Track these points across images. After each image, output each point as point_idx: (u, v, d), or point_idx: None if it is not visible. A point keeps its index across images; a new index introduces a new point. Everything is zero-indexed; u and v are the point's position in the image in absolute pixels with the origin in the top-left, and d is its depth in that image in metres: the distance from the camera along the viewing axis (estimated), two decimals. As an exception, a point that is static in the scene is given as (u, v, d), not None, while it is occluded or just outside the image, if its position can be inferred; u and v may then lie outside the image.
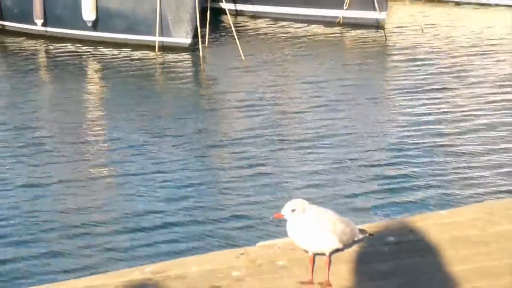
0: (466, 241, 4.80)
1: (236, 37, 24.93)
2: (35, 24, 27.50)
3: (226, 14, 26.00)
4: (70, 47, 27.07)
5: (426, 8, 30.22)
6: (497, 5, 30.05)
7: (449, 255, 4.57)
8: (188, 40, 25.66)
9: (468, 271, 4.37)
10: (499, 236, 4.84)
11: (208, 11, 25.78)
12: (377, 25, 27.62)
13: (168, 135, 19.36)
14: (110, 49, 26.49)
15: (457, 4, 30.55)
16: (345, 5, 27.42)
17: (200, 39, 25.37)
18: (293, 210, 4.03)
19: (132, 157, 17.98)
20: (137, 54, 26.04)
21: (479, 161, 16.69)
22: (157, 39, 25.71)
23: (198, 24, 25.36)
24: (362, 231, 4.42)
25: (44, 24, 27.40)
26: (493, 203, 5.99)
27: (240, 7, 27.05)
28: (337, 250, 4.20)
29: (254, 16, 28.18)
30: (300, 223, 4.06)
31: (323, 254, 4.15)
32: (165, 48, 25.70)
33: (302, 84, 22.79)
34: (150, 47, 25.85)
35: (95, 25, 26.53)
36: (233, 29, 25.33)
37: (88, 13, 26.28)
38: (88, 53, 26.53)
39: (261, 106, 21.07)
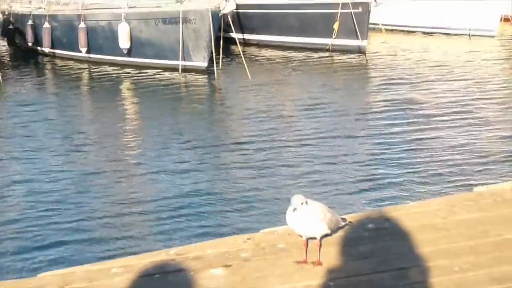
0: (431, 227, 4.79)
1: (244, 61, 24.90)
2: (80, 51, 27.52)
3: (235, 42, 25.95)
4: (109, 70, 27.08)
5: (399, 37, 30.11)
6: (455, 34, 29.97)
7: (417, 239, 4.57)
8: (205, 64, 25.66)
9: (433, 251, 4.35)
10: (458, 224, 4.83)
11: (221, 40, 25.78)
12: (360, 51, 27.58)
13: (189, 139, 19.37)
14: (142, 71, 26.51)
15: (424, 33, 30.41)
16: (334, 35, 27.36)
17: (215, 63, 25.39)
18: (301, 203, 4.06)
19: (159, 158, 17.97)
20: (164, 75, 26.08)
21: (443, 162, 16.62)
22: (180, 63, 25.69)
23: (213, 50, 25.37)
24: (343, 219, 4.53)
25: (87, 51, 27.43)
26: (453, 196, 5.95)
27: (247, 36, 26.95)
28: (326, 235, 4.22)
29: (258, 44, 28.12)
30: (298, 214, 4.06)
31: (315, 238, 4.16)
32: (187, 70, 25.73)
33: (298, 98, 22.75)
34: (174, 69, 25.86)
35: (129, 52, 26.54)
36: (241, 54, 25.31)
37: (124, 42, 26.30)
38: (123, 75, 26.57)
39: (264, 116, 21.06)
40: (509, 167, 15.88)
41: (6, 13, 29.26)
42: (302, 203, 4.10)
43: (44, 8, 28.92)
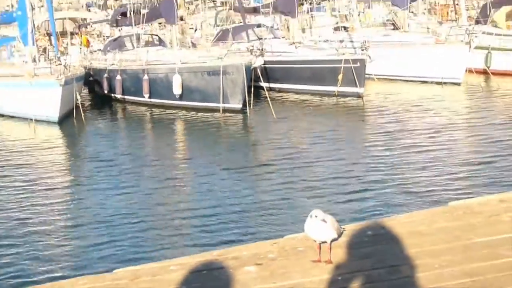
0: (417, 233, 4.78)
1: (269, 103, 24.97)
2: (144, 97, 27.73)
3: (263, 89, 26.11)
4: (165, 111, 27.25)
5: (387, 85, 30.12)
6: (431, 82, 30.02)
7: (406, 243, 4.55)
8: (240, 106, 25.76)
9: (418, 252, 4.34)
10: (438, 230, 4.82)
11: (252, 87, 25.88)
12: (358, 96, 27.58)
13: (228, 163, 19.54)
14: (191, 112, 26.66)
15: (406, 81, 30.45)
16: (338, 84, 27.41)
17: (247, 105, 25.50)
18: (316, 216, 4.19)
19: (205, 178, 18.06)
20: (208, 115, 26.19)
21: (424, 182, 16.55)
22: (220, 105, 25.80)
23: (246, 95, 25.47)
24: (342, 228, 4.66)
25: (149, 97, 27.60)
26: (433, 209, 5.93)
27: (272, 85, 27.09)
28: (334, 240, 4.21)
29: (281, 90, 28.23)
30: (314, 223, 4.16)
31: (326, 242, 4.19)
32: (226, 111, 25.82)
33: (311, 131, 22.81)
34: (216, 110, 25.94)
35: (181, 97, 26.71)
36: (268, 98, 25.41)
37: (177, 90, 26.50)
38: (177, 115, 26.77)
39: (285, 144, 21.22)
40: (476, 187, 15.78)
41: (88, 68, 29.61)
42: (316, 216, 4.16)
43: (116, 64, 29.23)
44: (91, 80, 29.76)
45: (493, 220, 4.99)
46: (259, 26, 34.01)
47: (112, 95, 29.13)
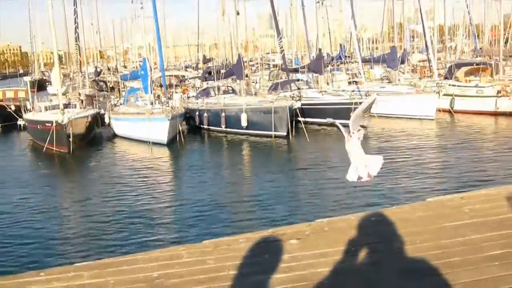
0: (404, 220, 4.75)
1: (305, 131, 24.93)
2: (221, 127, 27.91)
3: (300, 122, 26.08)
4: (242, 137, 27.35)
5: (385, 120, 29.83)
6: (411, 118, 29.68)
7: (397, 226, 4.54)
8: (285, 133, 25.68)
9: (405, 232, 4.33)
10: (418, 218, 4.78)
11: (294, 121, 25.89)
12: (363, 127, 27.43)
13: (278, 168, 19.78)
14: (252, 137, 26.70)
15: (397, 118, 30.12)
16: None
17: (290, 132, 25.49)
18: None
19: (261, 177, 18.23)
20: (264, 139, 26.17)
21: (407, 185, 16.36)
22: (272, 133, 25.75)
23: (289, 126, 25.48)
24: None
25: (225, 127, 27.79)
26: (416, 203, 5.89)
27: (306, 119, 26.90)
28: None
29: (312, 123, 28.07)
30: None
31: None
32: (276, 137, 25.74)
33: (331, 148, 22.68)
34: (269, 136, 25.88)
35: (246, 127, 26.76)
36: (304, 128, 25.33)
37: (244, 122, 26.56)
38: (243, 139, 26.86)
39: (315, 156, 21.18)
40: (444, 187, 15.56)
41: (186, 108, 29.96)
42: None
43: (204, 106, 29.57)
44: (188, 116, 30.05)
45: (456, 211, 4.93)
46: (298, 80, 34.05)
47: (201, 126, 29.30)
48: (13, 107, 33.76)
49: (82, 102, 31.81)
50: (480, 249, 3.94)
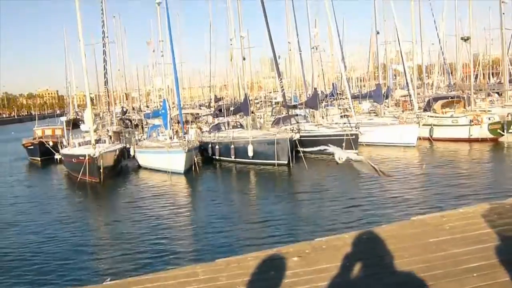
0: (393, 236, 4.69)
1: (304, 160, 24.83)
2: (231, 157, 27.85)
3: (299, 152, 25.96)
4: (242, 166, 27.19)
5: (372, 148, 29.74)
6: (395, 145, 29.55)
7: (387, 242, 4.48)
8: (286, 161, 25.53)
9: (394, 248, 4.27)
10: (405, 235, 4.73)
11: (294, 151, 25.82)
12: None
13: (281, 191, 19.50)
14: (258, 166, 26.58)
15: (383, 146, 29.95)
16: (343, 148, 27.17)
17: (290, 161, 25.40)
18: None
19: (265, 200, 18.00)
20: (268, 167, 25.99)
21: (394, 205, 16.18)
22: (276, 161, 25.64)
23: (289, 155, 25.41)
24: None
25: (234, 157, 27.70)
26: (402, 222, 5.83)
27: (304, 149, 26.77)
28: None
29: (310, 152, 27.99)
30: None
31: None
32: (278, 165, 25.51)
33: (328, 174, 22.63)
34: (273, 164, 25.73)
35: (253, 157, 26.67)
36: (302, 157, 25.25)
37: (250, 153, 26.49)
38: (249, 168, 26.71)
39: (312, 181, 20.97)
40: (427, 207, 15.41)
41: (200, 141, 30.02)
42: None
43: (216, 139, 29.59)
44: (202, 148, 30.04)
45: (438, 228, 4.87)
46: (297, 115, 34.14)
47: (214, 157, 29.20)
48: (51, 143, 34.44)
49: (110, 137, 32.08)
50: (460, 262, 3.89)
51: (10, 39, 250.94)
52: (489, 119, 29.66)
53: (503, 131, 29.07)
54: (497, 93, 41.07)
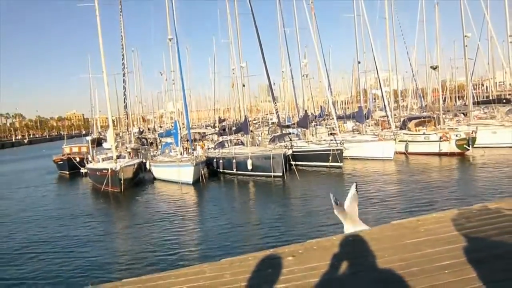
0: (375, 239, 4.63)
1: (296, 172, 24.78)
2: (233, 170, 27.75)
3: (292, 165, 25.90)
4: (243, 178, 27.04)
5: (355, 161, 29.59)
6: (374, 159, 29.44)
7: (370, 243, 4.43)
8: (280, 173, 25.40)
9: (376, 248, 4.22)
10: (386, 236, 4.67)
11: (288, 164, 25.75)
12: (340, 167, 27.17)
13: (276, 198, 19.20)
14: (257, 178, 26.44)
15: (364, 159, 29.84)
16: (330, 161, 27.18)
17: (284, 173, 25.29)
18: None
19: (261, 205, 17.79)
20: (266, 179, 25.85)
21: (380, 210, 16.05)
22: (272, 173, 25.51)
23: (284, 168, 25.32)
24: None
25: (236, 170, 27.61)
26: (383, 225, 5.77)
27: (297, 163, 26.74)
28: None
29: (302, 165, 27.91)
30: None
31: None
32: (274, 176, 25.45)
33: (317, 183, 22.51)
34: (269, 176, 25.59)
35: (251, 170, 26.59)
36: (295, 169, 25.21)
37: (249, 166, 26.44)
38: (249, 179, 26.54)
39: (303, 189, 20.81)
40: (405, 212, 15.29)
41: (207, 156, 29.91)
42: None
43: (220, 154, 29.51)
44: (208, 162, 29.92)
45: (414, 231, 4.82)
46: (290, 133, 34.16)
47: (218, 170, 29.08)
48: (77, 159, 34.50)
49: (129, 154, 32.11)
50: (434, 260, 3.84)
51: (42, 70, 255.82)
52: (456, 136, 29.68)
53: (469, 146, 29.07)
54: (463, 113, 41.19)
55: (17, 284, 11.36)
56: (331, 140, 29.98)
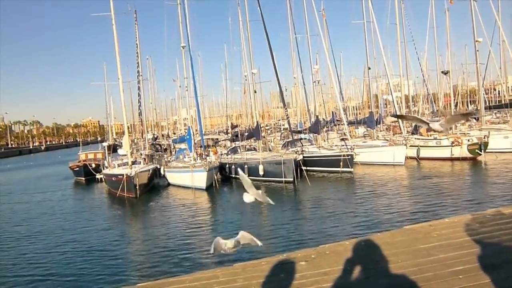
0: (387, 243, 4.58)
1: (306, 177, 24.66)
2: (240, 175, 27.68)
3: (303, 170, 25.77)
4: (255, 182, 26.86)
5: (366, 166, 29.38)
6: (386, 164, 29.07)
7: (382, 248, 4.38)
8: (292, 179, 25.30)
9: (388, 253, 4.16)
10: (398, 242, 4.61)
11: (298, 169, 25.66)
12: (351, 172, 27.01)
13: (288, 203, 19.08)
14: (269, 183, 26.34)
15: (376, 164, 29.63)
16: (341, 166, 27.01)
17: (295, 178, 25.20)
18: None
19: (272, 209, 17.70)
20: (277, 184, 25.71)
21: (388, 217, 15.89)
22: (283, 179, 25.43)
23: (295, 173, 25.25)
24: None
25: (248, 175, 26.95)
26: (395, 230, 5.71)
27: (308, 168, 26.64)
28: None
29: (312, 171, 27.81)
30: None
31: None
32: (285, 182, 25.28)
33: (328, 188, 22.36)
34: (280, 182, 25.50)
35: (263, 175, 26.50)
36: (305, 175, 25.09)
37: (261, 172, 26.36)
38: (262, 184, 26.43)
39: (314, 194, 20.65)
40: (416, 217, 15.12)
41: (219, 162, 29.91)
42: None
43: (233, 160, 29.51)
44: (221, 168, 29.93)
45: (427, 236, 4.77)
46: (301, 139, 34.07)
47: (231, 175, 29.03)
48: (93, 165, 34.85)
49: (144, 159, 32.36)
50: (448, 265, 3.78)
51: (59, 79, 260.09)
52: (468, 140, 29.31)
53: (481, 151, 28.66)
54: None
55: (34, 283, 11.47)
56: (342, 145, 29.85)
